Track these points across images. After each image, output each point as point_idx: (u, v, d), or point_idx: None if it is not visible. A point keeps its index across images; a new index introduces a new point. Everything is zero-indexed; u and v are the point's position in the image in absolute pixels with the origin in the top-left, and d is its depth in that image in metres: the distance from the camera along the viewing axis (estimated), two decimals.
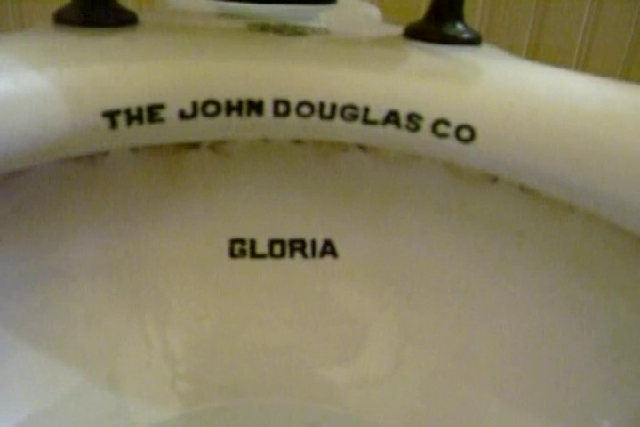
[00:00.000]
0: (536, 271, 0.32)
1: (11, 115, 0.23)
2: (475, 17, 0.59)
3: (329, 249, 0.35)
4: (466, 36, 0.32)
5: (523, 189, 0.30)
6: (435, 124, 0.27)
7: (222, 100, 0.28)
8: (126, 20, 0.31)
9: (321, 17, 0.45)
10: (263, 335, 0.35)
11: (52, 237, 0.30)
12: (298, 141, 0.33)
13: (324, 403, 0.35)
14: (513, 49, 0.53)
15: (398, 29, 0.35)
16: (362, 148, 0.33)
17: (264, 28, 0.33)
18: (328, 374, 0.35)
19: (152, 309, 0.34)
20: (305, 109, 0.28)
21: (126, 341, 0.33)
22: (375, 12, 0.46)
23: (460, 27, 0.32)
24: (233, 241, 0.34)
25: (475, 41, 0.32)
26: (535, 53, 0.61)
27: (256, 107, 0.28)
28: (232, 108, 0.28)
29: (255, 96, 0.28)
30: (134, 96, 0.26)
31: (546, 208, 0.30)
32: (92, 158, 0.31)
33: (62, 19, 0.30)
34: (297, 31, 0.32)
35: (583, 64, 0.62)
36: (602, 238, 0.29)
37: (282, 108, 0.28)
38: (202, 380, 0.34)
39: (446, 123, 0.27)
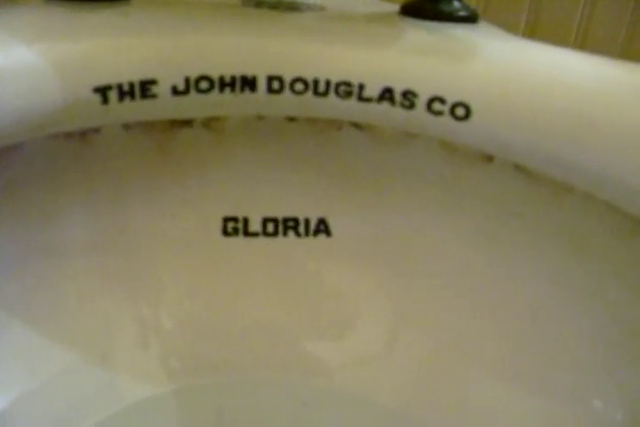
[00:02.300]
0: (532, 251, 0.32)
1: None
2: None
3: (322, 228, 0.35)
4: (462, 13, 0.31)
5: (518, 168, 0.30)
6: (430, 102, 0.27)
7: (215, 76, 0.27)
8: None
9: None
10: (255, 313, 0.35)
11: (44, 215, 0.30)
12: (292, 119, 0.32)
13: (315, 379, 0.35)
14: (511, 26, 0.52)
15: (395, 7, 0.34)
16: (357, 126, 0.32)
17: (259, 3, 0.32)
18: (320, 352, 0.36)
19: (145, 287, 0.34)
20: (299, 86, 0.28)
21: (119, 319, 0.33)
22: None
23: (456, 4, 0.31)
24: (226, 219, 0.34)
25: (471, 19, 0.31)
26: (533, 30, 0.61)
27: (249, 83, 0.28)
28: (225, 84, 0.28)
29: (249, 72, 0.28)
30: (126, 71, 0.26)
31: (541, 188, 0.30)
32: (83, 135, 0.31)
33: None
34: (292, 7, 0.32)
35: (581, 41, 0.62)
36: (598, 219, 0.29)
37: (276, 85, 0.28)
38: (193, 356, 0.34)
39: (441, 100, 0.26)
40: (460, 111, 0.26)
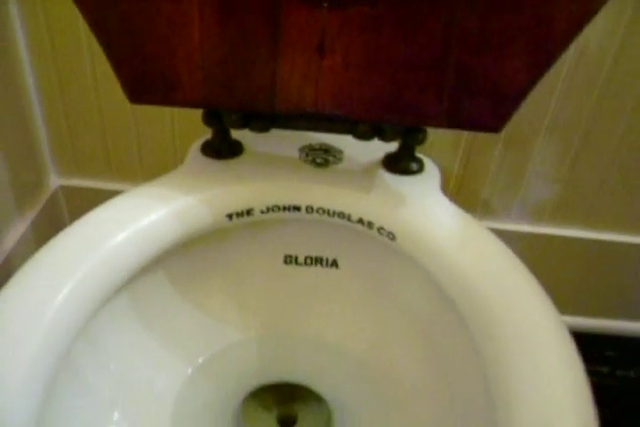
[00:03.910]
0: None
1: (183, 222, 0.54)
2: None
3: (334, 263, 0.65)
4: (413, 168, 0.59)
5: None
6: (379, 228, 0.56)
7: (281, 205, 0.57)
8: (237, 150, 0.60)
9: None
10: (297, 305, 0.67)
11: (201, 260, 0.62)
12: None
13: (319, 334, 0.67)
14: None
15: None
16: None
17: (308, 153, 0.61)
18: (323, 323, 0.67)
19: (241, 288, 0.65)
20: (320, 211, 0.57)
21: (231, 309, 0.65)
22: None
23: (412, 164, 0.59)
24: (286, 256, 0.65)
25: (419, 171, 0.59)
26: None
27: (297, 208, 0.57)
28: (285, 208, 0.57)
29: (296, 203, 0.57)
30: (240, 205, 0.56)
31: None
32: None
33: (205, 151, 0.59)
34: (324, 160, 0.60)
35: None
36: None
37: (309, 210, 0.57)
38: (264, 322, 0.67)
39: (383, 228, 0.55)
40: (390, 236, 0.55)
